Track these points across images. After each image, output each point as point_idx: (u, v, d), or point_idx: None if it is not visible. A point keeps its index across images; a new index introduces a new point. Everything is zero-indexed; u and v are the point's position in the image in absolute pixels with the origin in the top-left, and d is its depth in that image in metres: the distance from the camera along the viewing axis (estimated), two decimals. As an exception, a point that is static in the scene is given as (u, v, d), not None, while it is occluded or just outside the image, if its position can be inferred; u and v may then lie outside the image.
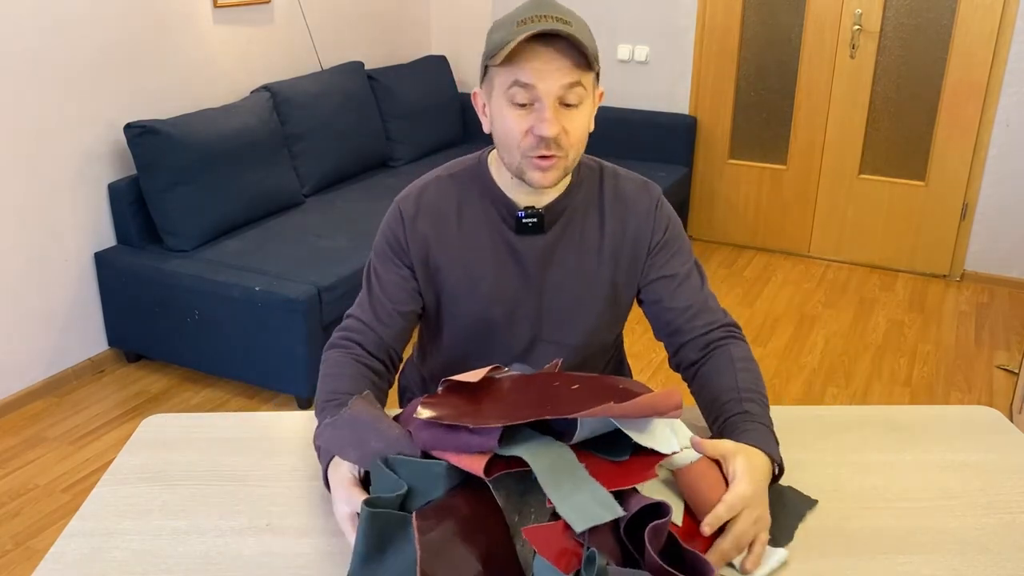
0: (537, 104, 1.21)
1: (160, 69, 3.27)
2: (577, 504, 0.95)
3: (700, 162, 4.44)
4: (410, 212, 1.37)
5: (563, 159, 1.25)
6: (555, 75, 1.19)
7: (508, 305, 1.38)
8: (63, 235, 3.02)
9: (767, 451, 1.13)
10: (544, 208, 1.34)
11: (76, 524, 1.13)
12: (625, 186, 1.40)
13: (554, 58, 1.19)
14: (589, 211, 1.38)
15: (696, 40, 4.25)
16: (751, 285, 4.04)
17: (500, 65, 1.21)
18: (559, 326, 1.40)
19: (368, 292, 1.40)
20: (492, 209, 1.36)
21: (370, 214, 3.38)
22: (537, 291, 1.38)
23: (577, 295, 1.39)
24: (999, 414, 1.39)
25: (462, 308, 1.39)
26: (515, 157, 1.26)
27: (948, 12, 3.79)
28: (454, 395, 1.12)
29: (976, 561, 1.06)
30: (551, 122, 1.20)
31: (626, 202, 1.39)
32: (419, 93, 4.26)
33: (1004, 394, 3.12)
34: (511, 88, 1.21)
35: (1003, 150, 3.85)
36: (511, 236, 1.36)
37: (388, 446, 1.05)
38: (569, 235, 1.37)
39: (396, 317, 1.37)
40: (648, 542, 0.92)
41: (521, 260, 1.36)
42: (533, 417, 1.01)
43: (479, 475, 0.98)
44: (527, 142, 1.23)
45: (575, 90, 1.21)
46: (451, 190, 1.38)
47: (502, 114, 1.24)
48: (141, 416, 2.91)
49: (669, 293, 1.38)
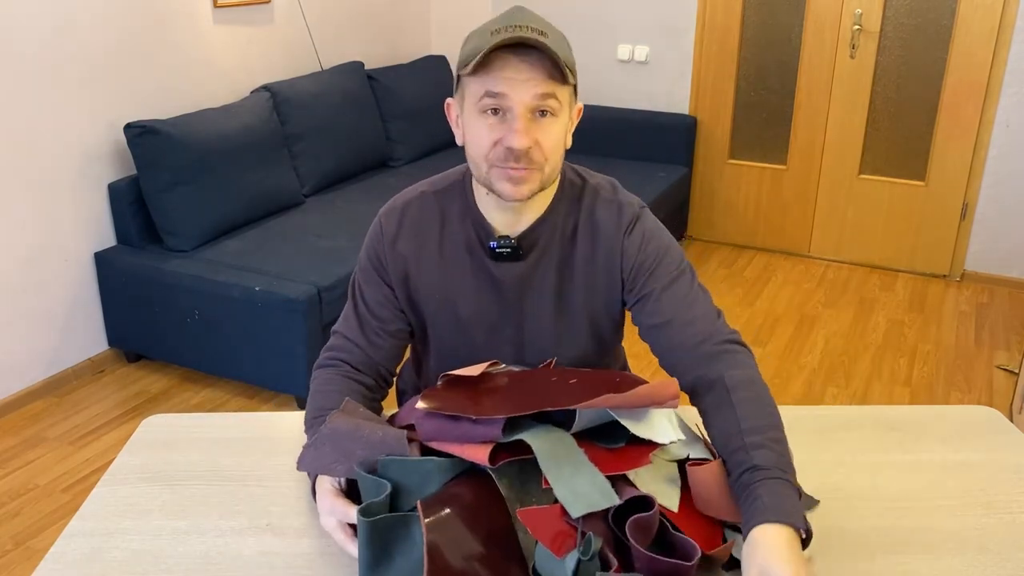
0: (508, 114, 1.17)
1: (160, 69, 3.27)
2: (575, 489, 0.97)
3: (700, 162, 4.44)
4: (391, 231, 1.34)
5: (537, 172, 1.20)
6: (527, 85, 1.16)
7: (489, 330, 1.36)
8: (63, 235, 3.02)
9: (786, 521, 0.98)
10: (520, 235, 1.30)
11: (76, 524, 1.13)
12: (600, 210, 1.33)
13: (527, 68, 1.16)
14: (565, 237, 1.33)
15: (696, 40, 4.25)
16: (751, 285, 4.04)
17: (472, 75, 1.17)
18: (542, 352, 1.36)
19: (354, 308, 1.38)
20: (472, 231, 1.32)
21: (370, 214, 3.35)
22: (517, 317, 1.35)
23: (557, 321, 1.35)
24: (999, 414, 1.39)
25: (444, 331, 1.37)
26: (483, 169, 1.22)
27: (948, 12, 3.79)
28: (453, 389, 1.13)
29: (976, 561, 1.06)
30: (521, 133, 1.16)
31: (599, 227, 1.32)
32: (419, 93, 4.26)
33: (1004, 394, 3.12)
34: (483, 98, 1.18)
35: (1003, 150, 3.85)
36: (488, 262, 1.32)
37: (372, 450, 1.05)
38: (547, 261, 1.33)
39: (384, 336, 1.36)
40: (630, 534, 0.92)
41: (499, 286, 1.33)
42: (534, 409, 1.02)
43: (484, 464, 0.99)
44: (496, 152, 1.19)
45: (548, 102, 1.17)
46: (434, 208, 1.34)
47: (473, 124, 1.21)
48: (141, 416, 2.91)
49: (656, 325, 1.28)
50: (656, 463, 1.06)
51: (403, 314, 1.37)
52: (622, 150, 4.37)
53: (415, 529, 0.97)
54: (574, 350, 1.37)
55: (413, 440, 1.09)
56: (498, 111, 1.18)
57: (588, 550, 0.91)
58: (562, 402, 1.04)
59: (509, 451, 1.02)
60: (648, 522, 0.96)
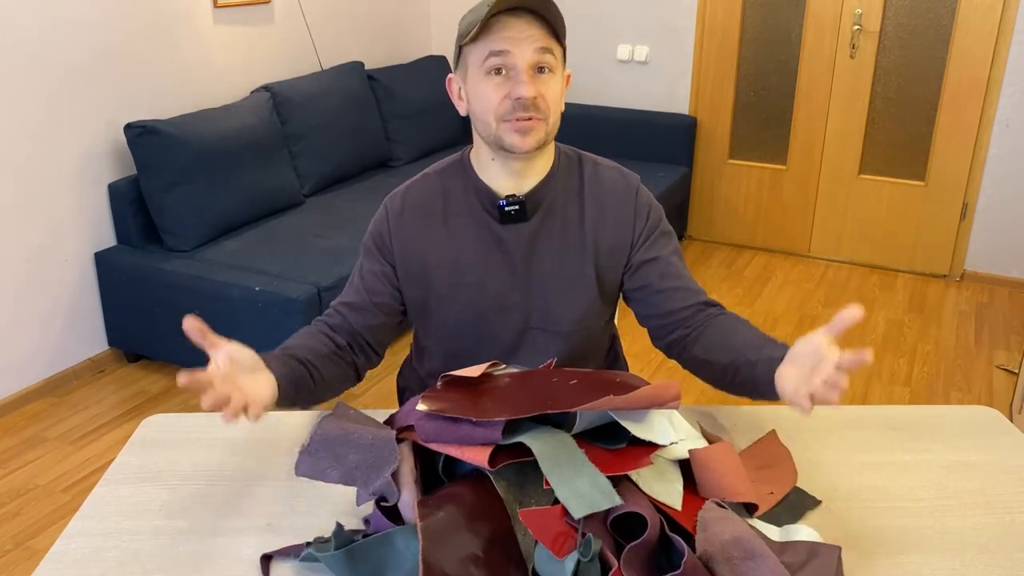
0: (513, 71, 1.26)
1: (160, 69, 3.27)
2: (577, 489, 0.97)
3: (700, 162, 4.44)
4: (396, 210, 1.42)
5: (543, 122, 1.29)
6: (527, 41, 1.25)
7: (496, 296, 1.40)
8: (63, 235, 3.02)
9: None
10: (526, 195, 1.36)
11: (76, 524, 1.13)
12: (604, 173, 1.43)
13: (525, 27, 1.26)
14: (570, 198, 1.40)
15: (696, 40, 4.25)
16: (751, 285, 4.04)
17: (474, 41, 1.28)
18: (548, 314, 1.41)
19: (350, 283, 1.45)
20: (475, 201, 1.39)
21: (370, 214, 3.35)
22: (524, 280, 1.39)
23: (563, 282, 1.40)
24: (999, 414, 1.39)
25: (451, 302, 1.41)
26: (492, 126, 1.29)
27: (948, 12, 3.79)
28: (453, 390, 1.13)
29: (976, 561, 1.06)
30: (527, 84, 1.25)
31: (605, 189, 1.41)
32: (419, 93, 4.26)
33: (1004, 394, 3.12)
34: (488, 59, 1.27)
35: (1003, 150, 3.85)
36: (495, 226, 1.38)
37: (363, 453, 1.06)
38: (551, 223, 1.39)
39: (369, 307, 1.41)
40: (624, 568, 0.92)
41: (506, 250, 1.38)
42: (535, 411, 1.02)
43: (483, 466, 0.99)
44: (504, 106, 1.27)
45: (546, 57, 1.27)
46: (436, 186, 1.42)
47: (478, 87, 1.29)
48: (141, 416, 2.91)
49: (657, 276, 1.40)
50: (657, 463, 1.06)
51: (395, 292, 1.42)
52: (622, 150, 4.37)
53: (399, 542, 0.97)
54: (578, 311, 1.42)
55: (403, 439, 1.09)
56: (501, 70, 1.27)
57: (588, 551, 0.91)
58: (563, 404, 1.04)
59: (509, 453, 1.02)
60: (643, 548, 0.96)
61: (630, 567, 0.91)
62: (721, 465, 1.06)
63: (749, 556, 0.91)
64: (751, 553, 0.91)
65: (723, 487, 1.04)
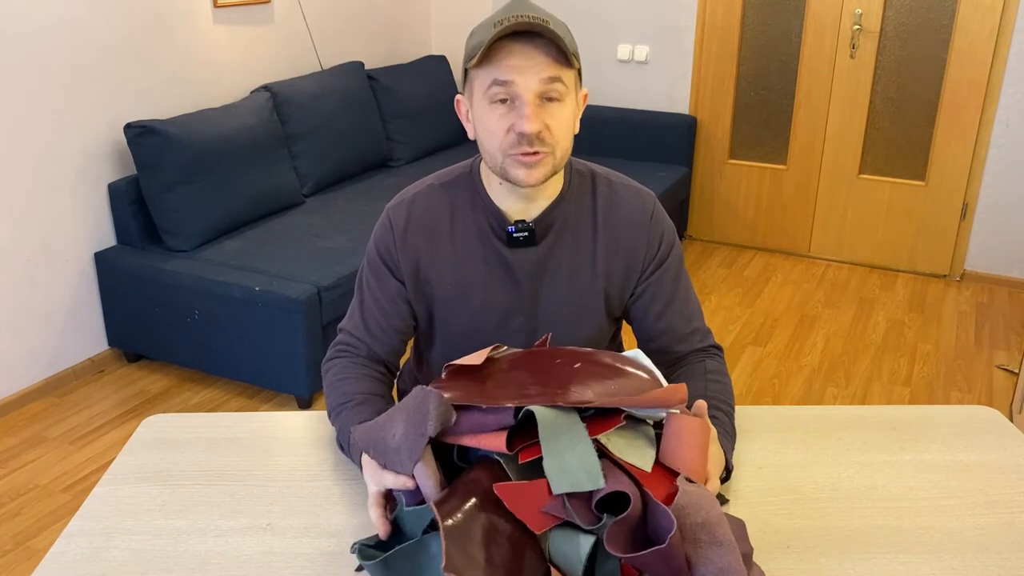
0: (517, 101, 1.20)
1: (160, 69, 3.27)
2: (564, 464, 0.97)
3: (700, 162, 4.44)
4: (400, 223, 1.35)
5: (549, 155, 1.23)
6: (533, 70, 1.19)
7: (500, 317, 1.37)
8: (63, 235, 3.02)
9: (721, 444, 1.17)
10: (535, 220, 1.32)
11: (76, 524, 1.13)
12: (619, 193, 1.38)
13: (531, 54, 1.18)
14: (581, 221, 1.35)
15: (696, 40, 4.25)
16: (751, 285, 4.04)
17: (479, 66, 1.21)
18: (554, 338, 1.38)
19: (360, 304, 1.39)
20: (483, 220, 1.34)
21: (370, 214, 3.38)
22: (530, 303, 1.36)
23: (571, 306, 1.37)
24: (999, 414, 1.39)
25: (454, 320, 1.39)
26: (498, 158, 1.24)
27: (948, 12, 3.79)
28: (459, 378, 1.13)
29: (976, 561, 1.06)
30: (530, 118, 1.19)
31: (620, 211, 1.36)
32: (419, 93, 4.26)
33: (1004, 394, 3.12)
34: (491, 88, 1.20)
35: (1003, 150, 3.85)
36: (502, 248, 1.34)
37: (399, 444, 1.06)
38: (561, 246, 1.35)
39: (389, 332, 1.38)
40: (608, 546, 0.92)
41: (513, 273, 1.35)
42: (545, 403, 1.03)
43: (501, 451, 0.99)
44: (508, 140, 1.21)
45: (555, 86, 1.20)
46: (443, 199, 1.36)
47: (483, 115, 1.23)
48: (141, 416, 2.91)
49: (656, 313, 1.38)
50: (629, 426, 1.05)
51: (410, 308, 1.39)
52: (622, 150, 4.37)
53: (434, 547, 0.97)
54: (584, 336, 1.40)
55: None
56: (507, 100, 1.20)
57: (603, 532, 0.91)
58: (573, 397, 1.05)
59: (523, 435, 1.02)
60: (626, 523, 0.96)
61: (613, 542, 0.92)
62: (691, 438, 1.05)
63: (715, 543, 0.92)
64: (717, 541, 0.92)
65: (679, 457, 1.03)
